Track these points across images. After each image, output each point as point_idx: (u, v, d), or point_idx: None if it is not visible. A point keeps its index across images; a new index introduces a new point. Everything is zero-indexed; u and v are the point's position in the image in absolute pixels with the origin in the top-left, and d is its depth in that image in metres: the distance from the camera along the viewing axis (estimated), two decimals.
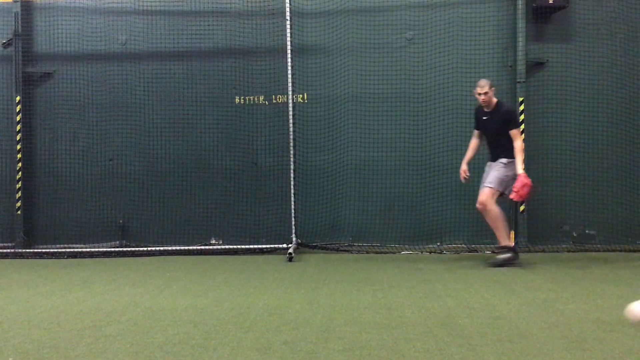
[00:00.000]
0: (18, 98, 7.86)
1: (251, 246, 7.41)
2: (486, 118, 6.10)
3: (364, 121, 7.62)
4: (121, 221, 7.92)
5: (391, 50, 7.59)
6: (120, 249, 7.56)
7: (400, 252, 7.16)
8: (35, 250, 7.61)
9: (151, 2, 7.81)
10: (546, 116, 7.41)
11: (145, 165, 7.93)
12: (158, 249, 7.41)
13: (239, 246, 7.47)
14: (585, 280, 5.16)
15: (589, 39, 7.35)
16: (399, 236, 7.43)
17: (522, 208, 7.26)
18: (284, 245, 7.20)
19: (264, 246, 7.38)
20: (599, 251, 7.05)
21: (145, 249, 7.43)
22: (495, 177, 5.89)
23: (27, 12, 7.96)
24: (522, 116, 7.26)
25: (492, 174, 5.93)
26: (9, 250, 7.54)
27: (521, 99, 7.27)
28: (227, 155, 7.82)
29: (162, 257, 7.14)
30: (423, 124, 7.56)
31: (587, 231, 7.38)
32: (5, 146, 8.01)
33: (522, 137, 5.82)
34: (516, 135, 5.86)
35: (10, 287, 5.32)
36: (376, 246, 7.41)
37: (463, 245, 7.26)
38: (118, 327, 3.72)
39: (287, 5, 7.37)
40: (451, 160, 7.37)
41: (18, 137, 7.87)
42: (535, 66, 7.40)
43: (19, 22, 7.84)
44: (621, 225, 7.30)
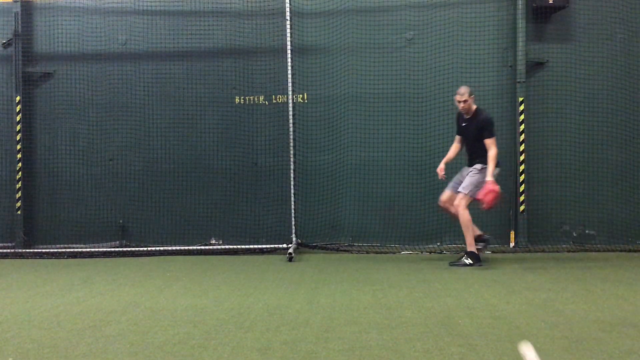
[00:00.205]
0: (18, 98, 7.86)
1: (251, 246, 7.41)
2: (465, 124, 6.26)
3: (364, 121, 7.62)
4: (121, 221, 7.92)
5: (391, 50, 7.59)
6: (120, 249, 7.56)
7: (400, 252, 7.16)
8: (35, 250, 7.61)
9: (151, 2, 7.81)
10: (546, 116, 7.42)
11: (145, 165, 7.93)
12: (158, 249, 7.42)
13: (239, 246, 7.47)
14: (585, 280, 5.16)
15: (589, 39, 7.36)
16: (399, 236, 7.43)
17: (522, 208, 7.27)
18: (284, 245, 7.20)
19: (264, 246, 7.38)
20: (599, 251, 7.05)
21: (145, 249, 7.43)
22: (469, 182, 6.06)
23: (27, 12, 7.96)
24: (522, 116, 7.27)
25: (467, 179, 6.08)
26: (9, 250, 7.54)
27: (521, 99, 7.27)
28: (227, 155, 7.82)
29: (162, 257, 7.14)
30: (423, 124, 7.56)
31: (587, 231, 7.38)
32: (5, 146, 8.02)
33: (495, 150, 6.03)
34: (490, 144, 6.01)
35: (10, 287, 5.32)
36: (376, 246, 7.41)
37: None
38: (118, 327, 3.72)
39: (287, 5, 7.37)
40: (451, 161, 7.37)
41: (18, 137, 7.87)
42: (535, 66, 7.40)
43: (19, 22, 7.84)
44: (621, 225, 7.31)
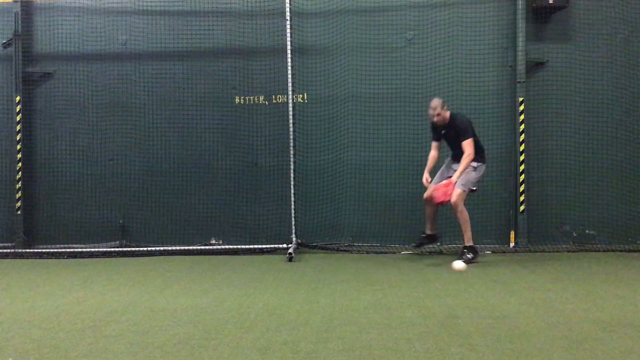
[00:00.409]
0: (18, 98, 7.86)
1: (251, 246, 7.41)
2: (445, 132, 6.33)
3: (364, 121, 7.62)
4: (121, 221, 7.92)
5: (391, 50, 7.60)
6: (120, 249, 7.56)
7: (400, 252, 7.16)
8: (35, 250, 7.61)
9: (151, 2, 7.82)
10: (546, 116, 7.42)
11: (145, 165, 7.93)
12: (158, 249, 7.41)
13: (239, 246, 7.47)
14: (585, 280, 5.16)
15: (589, 39, 7.36)
16: (399, 236, 7.43)
17: (522, 208, 7.27)
18: (284, 245, 7.20)
19: (264, 246, 7.38)
20: (599, 251, 7.05)
21: (145, 249, 7.43)
22: (468, 179, 6.12)
23: (27, 12, 7.96)
24: (522, 116, 7.27)
25: (463, 176, 6.09)
26: (9, 250, 7.53)
27: (521, 99, 7.27)
28: (227, 155, 7.83)
29: (162, 257, 7.14)
30: (423, 124, 7.54)
31: (587, 231, 7.38)
32: (5, 146, 8.02)
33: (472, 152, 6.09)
34: (466, 146, 6.05)
35: (10, 287, 5.32)
36: (376, 246, 7.41)
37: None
38: (118, 327, 3.72)
39: (287, 5, 7.37)
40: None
41: (18, 137, 7.87)
42: (535, 66, 7.40)
43: (19, 22, 7.84)
44: (621, 225, 7.31)
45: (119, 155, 7.97)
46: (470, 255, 6.17)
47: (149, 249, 7.42)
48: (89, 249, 7.54)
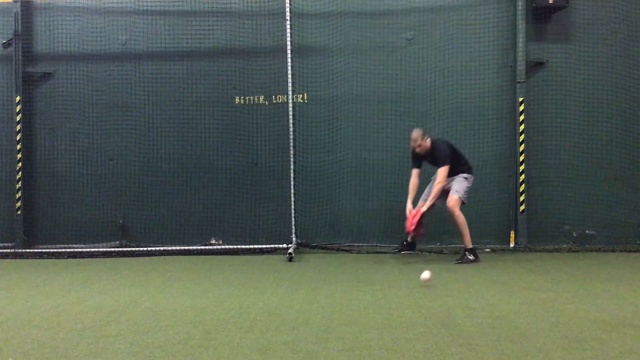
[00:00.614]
0: (18, 98, 7.86)
1: (251, 246, 7.41)
2: (429, 160, 6.56)
3: (364, 121, 7.62)
4: (121, 221, 7.92)
5: (391, 51, 7.60)
6: (120, 249, 7.57)
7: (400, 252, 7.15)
8: (35, 250, 7.61)
9: (151, 2, 7.82)
10: (546, 116, 7.42)
11: (145, 165, 7.93)
12: (158, 249, 7.41)
13: (239, 246, 7.47)
14: (585, 280, 5.15)
15: (589, 39, 7.36)
16: (399, 236, 7.42)
17: (522, 208, 7.27)
18: (284, 245, 7.20)
19: (264, 246, 7.38)
20: (599, 251, 7.05)
21: (145, 249, 7.43)
22: (461, 187, 6.41)
23: (27, 12, 7.96)
24: (522, 116, 7.27)
25: (456, 184, 6.41)
26: (9, 250, 7.53)
27: (521, 99, 7.27)
28: (227, 155, 7.82)
29: (162, 257, 7.14)
30: (423, 124, 7.54)
31: (587, 231, 7.38)
32: (5, 146, 8.02)
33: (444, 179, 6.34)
34: (440, 172, 6.34)
35: (10, 287, 5.31)
36: (376, 246, 7.41)
37: (462, 245, 7.25)
38: (118, 327, 3.72)
39: (287, 5, 7.37)
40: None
41: (18, 137, 7.88)
42: (535, 66, 7.40)
43: (19, 22, 7.84)
44: (621, 225, 7.31)
45: (119, 155, 7.97)
46: (471, 257, 6.28)
47: (149, 249, 7.42)
48: (89, 249, 7.54)
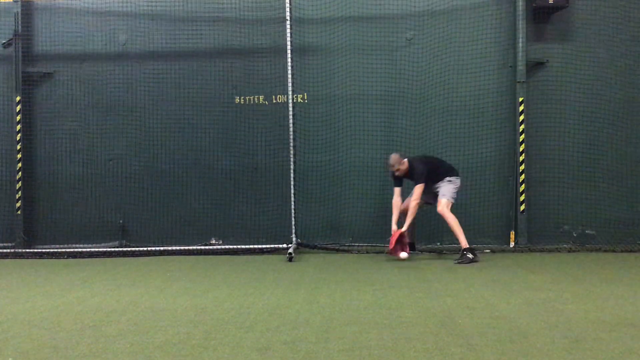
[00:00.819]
0: (18, 98, 7.86)
1: (251, 246, 7.40)
2: (409, 178, 6.71)
3: (364, 121, 7.62)
4: (121, 221, 7.92)
5: (391, 51, 7.59)
6: (120, 249, 7.56)
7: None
8: (35, 250, 7.61)
9: (151, 2, 7.81)
10: (546, 116, 7.42)
11: (145, 166, 7.93)
12: (158, 249, 7.41)
13: (239, 246, 7.46)
14: (585, 280, 5.16)
15: (589, 39, 7.36)
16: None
17: (522, 208, 7.27)
18: (284, 245, 7.19)
19: (264, 246, 7.38)
20: (599, 251, 7.05)
21: (145, 249, 7.42)
22: (447, 190, 6.56)
23: (27, 12, 7.96)
24: (522, 116, 7.27)
25: (443, 188, 6.57)
26: (9, 250, 7.53)
27: (521, 99, 7.27)
28: (227, 155, 7.82)
29: (162, 257, 7.14)
30: (423, 124, 7.56)
31: (587, 231, 7.38)
32: (5, 146, 8.01)
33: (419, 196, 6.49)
34: (416, 190, 6.53)
35: (10, 287, 5.32)
36: (376, 246, 7.41)
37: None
38: (118, 327, 3.72)
39: (287, 6, 7.37)
40: (451, 160, 7.36)
41: (18, 137, 7.87)
42: (535, 66, 7.40)
43: (19, 22, 7.84)
44: (621, 225, 7.31)
45: (118, 156, 7.96)
46: (470, 255, 6.28)
47: (149, 249, 7.42)
48: (89, 249, 7.54)
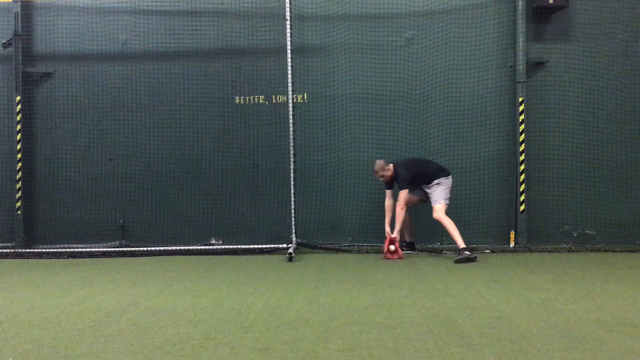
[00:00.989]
0: (18, 98, 7.86)
1: (251, 246, 7.41)
2: (396, 183, 6.87)
3: (364, 121, 7.62)
4: (121, 221, 7.92)
5: (391, 51, 7.59)
6: (120, 249, 7.57)
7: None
8: (35, 250, 7.61)
9: (151, 2, 7.81)
10: (546, 116, 7.42)
11: (145, 165, 7.93)
12: (158, 249, 7.41)
13: (239, 246, 7.47)
14: (585, 280, 5.16)
15: (589, 39, 7.36)
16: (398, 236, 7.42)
17: (522, 208, 7.27)
18: (284, 245, 7.20)
19: (264, 246, 7.38)
20: (599, 251, 7.05)
21: (145, 249, 7.43)
22: (438, 194, 6.69)
23: (27, 12, 7.96)
24: (522, 116, 7.27)
25: (434, 193, 6.72)
26: (9, 250, 7.54)
27: (521, 99, 7.27)
28: (227, 155, 7.82)
29: (162, 257, 7.14)
30: (423, 124, 7.56)
31: (587, 231, 7.38)
32: (5, 146, 8.01)
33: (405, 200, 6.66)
34: (400, 195, 6.68)
35: (10, 287, 5.31)
36: (376, 246, 7.41)
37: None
38: (118, 327, 3.72)
39: (287, 6, 7.37)
40: (451, 160, 7.38)
41: (18, 137, 7.87)
42: (535, 66, 7.40)
43: (19, 22, 7.84)
44: (621, 225, 7.31)
45: (119, 155, 7.96)
46: (468, 252, 6.35)
47: (149, 249, 7.42)
48: (89, 249, 7.54)
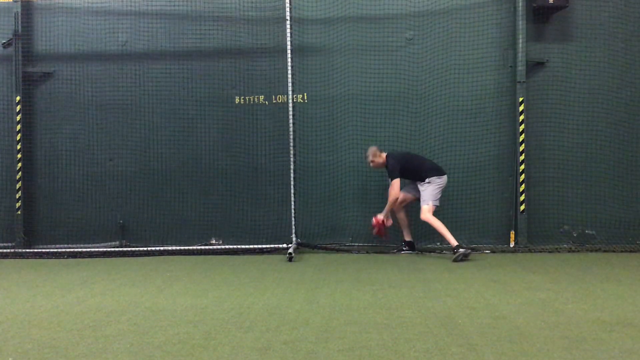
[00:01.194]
0: (18, 98, 7.86)
1: (251, 246, 7.40)
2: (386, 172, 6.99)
3: (364, 121, 7.62)
4: (121, 221, 7.92)
5: (391, 51, 7.59)
6: (120, 249, 7.56)
7: (400, 252, 7.16)
8: (35, 250, 7.61)
9: (151, 2, 7.81)
10: (546, 116, 7.42)
11: (146, 165, 7.92)
12: (158, 249, 7.41)
13: (239, 246, 7.46)
14: (585, 280, 5.16)
15: (589, 39, 7.36)
16: (398, 236, 7.42)
17: (522, 208, 7.27)
18: (284, 245, 7.20)
19: (264, 246, 7.38)
20: (599, 251, 7.05)
21: (145, 249, 7.43)
22: (428, 195, 6.72)
23: (27, 12, 7.96)
24: (522, 116, 7.27)
25: (425, 193, 6.74)
26: (9, 250, 7.53)
27: (521, 99, 7.27)
28: (227, 155, 7.82)
29: (162, 257, 7.14)
30: (423, 124, 7.56)
31: (587, 231, 7.38)
32: (6, 146, 8.01)
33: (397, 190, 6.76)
34: (391, 186, 6.78)
35: (10, 287, 5.31)
36: (376, 246, 7.41)
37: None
38: (118, 327, 3.72)
39: (287, 6, 7.37)
40: (451, 160, 7.39)
41: (18, 137, 7.88)
42: (535, 66, 7.40)
43: (19, 22, 7.84)
44: (621, 225, 7.31)
45: (119, 156, 7.96)
46: (462, 250, 6.37)
47: (149, 249, 7.42)
48: (89, 249, 7.54)
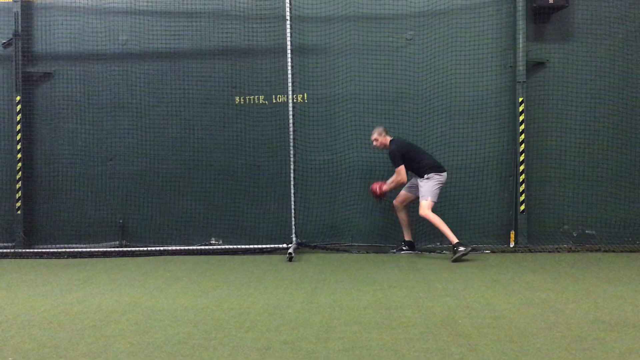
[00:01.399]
0: (18, 98, 7.86)
1: (251, 246, 7.41)
2: (388, 156, 6.97)
3: (364, 121, 7.62)
4: (121, 221, 7.92)
5: (391, 50, 7.59)
6: (120, 249, 7.56)
7: (400, 252, 7.16)
8: (35, 250, 7.61)
9: (151, 2, 7.81)
10: (546, 116, 7.42)
11: (145, 165, 7.92)
12: (158, 249, 7.41)
13: (239, 246, 7.46)
14: (585, 280, 5.16)
15: (589, 39, 7.36)
16: (398, 236, 7.43)
17: (522, 208, 7.27)
18: (284, 245, 7.20)
19: (264, 246, 7.38)
20: (599, 251, 7.05)
21: (145, 249, 7.43)
22: (426, 190, 6.66)
23: (27, 12, 7.95)
24: (522, 116, 7.27)
25: (424, 189, 6.69)
26: (9, 250, 7.53)
27: (521, 99, 7.27)
28: (227, 155, 7.82)
29: (162, 257, 7.14)
30: (423, 124, 7.56)
31: (587, 231, 7.38)
32: (5, 146, 8.01)
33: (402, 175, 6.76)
34: (396, 173, 6.78)
35: (10, 287, 5.32)
36: (376, 246, 7.41)
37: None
38: (118, 327, 3.72)
39: (287, 6, 7.37)
40: (451, 160, 7.38)
41: (18, 137, 7.87)
42: (535, 66, 7.40)
43: (19, 22, 7.84)
44: (621, 225, 7.31)
45: (118, 155, 7.96)
46: (462, 248, 6.35)
47: (149, 249, 7.42)
48: (89, 249, 7.54)
